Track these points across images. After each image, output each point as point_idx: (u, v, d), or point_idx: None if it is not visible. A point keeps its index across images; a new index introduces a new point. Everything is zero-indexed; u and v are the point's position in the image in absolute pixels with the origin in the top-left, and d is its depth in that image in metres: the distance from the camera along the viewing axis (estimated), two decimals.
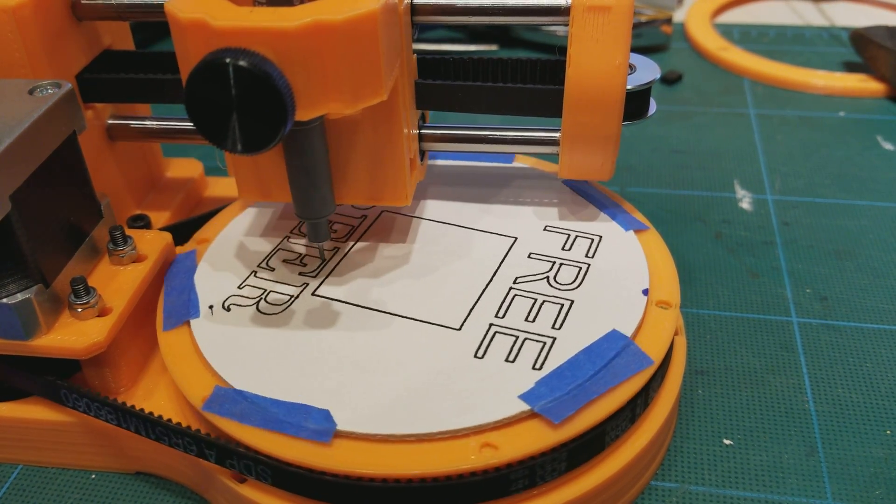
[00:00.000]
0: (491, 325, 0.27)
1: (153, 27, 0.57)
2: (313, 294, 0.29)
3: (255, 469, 0.24)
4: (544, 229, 0.32)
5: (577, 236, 0.31)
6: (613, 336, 0.26)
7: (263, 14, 0.23)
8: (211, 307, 0.28)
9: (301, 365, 0.26)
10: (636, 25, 0.56)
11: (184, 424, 0.25)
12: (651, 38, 0.57)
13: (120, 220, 0.33)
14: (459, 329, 0.27)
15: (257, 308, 0.28)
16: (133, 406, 0.26)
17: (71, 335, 0.26)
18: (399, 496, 0.24)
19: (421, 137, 0.32)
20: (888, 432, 0.29)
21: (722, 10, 0.63)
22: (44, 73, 0.29)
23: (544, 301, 0.28)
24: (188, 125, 0.33)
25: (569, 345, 0.26)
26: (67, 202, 0.28)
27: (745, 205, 0.41)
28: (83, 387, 0.27)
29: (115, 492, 0.28)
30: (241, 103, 0.22)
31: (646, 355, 0.26)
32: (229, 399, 0.25)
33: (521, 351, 0.26)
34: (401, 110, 0.28)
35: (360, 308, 0.28)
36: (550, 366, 0.26)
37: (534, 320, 0.27)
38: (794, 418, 0.30)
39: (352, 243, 0.31)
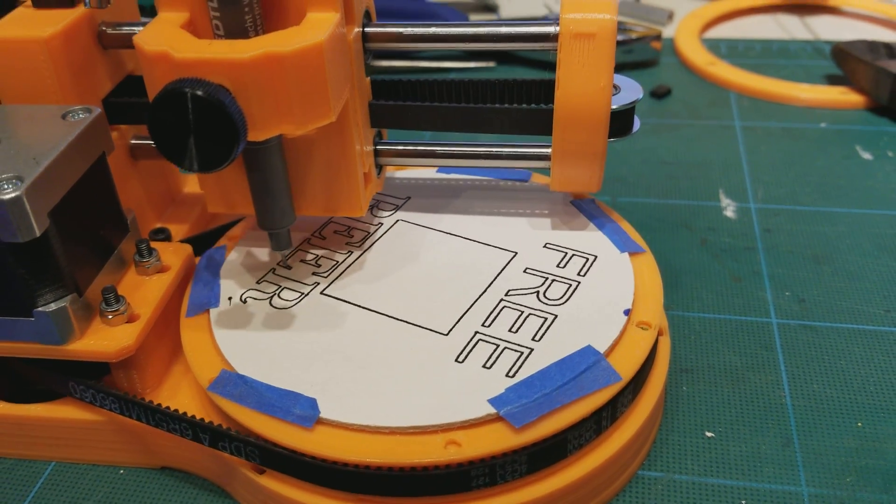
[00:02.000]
0: (476, 332, 0.29)
1: None
2: (322, 293, 0.32)
3: (245, 450, 0.27)
4: (544, 246, 0.33)
5: (573, 255, 0.33)
6: (586, 351, 0.28)
7: (221, 46, 0.26)
8: (230, 298, 0.31)
9: (299, 356, 0.29)
10: (627, 42, 0.59)
11: (206, 419, 0.27)
12: (641, 53, 0.60)
13: (143, 233, 0.36)
14: (447, 334, 0.29)
15: (270, 302, 0.31)
16: (152, 402, 0.28)
17: (102, 340, 0.28)
18: (369, 482, 0.26)
19: (377, 153, 0.34)
20: (859, 424, 0.31)
21: (710, 25, 0.65)
22: (73, 98, 0.31)
23: (530, 314, 0.30)
24: None
25: (545, 356, 0.28)
26: (98, 217, 0.30)
27: (730, 213, 0.43)
28: (112, 387, 0.29)
29: (142, 486, 0.30)
30: (198, 127, 0.25)
31: (615, 372, 0.27)
32: (232, 382, 0.28)
33: (499, 359, 0.28)
34: (352, 129, 0.30)
35: (360, 308, 0.31)
36: (523, 374, 0.27)
37: (517, 331, 0.29)
38: (772, 412, 0.32)
39: (365, 249, 0.34)
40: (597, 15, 0.29)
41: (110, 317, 0.29)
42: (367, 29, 0.31)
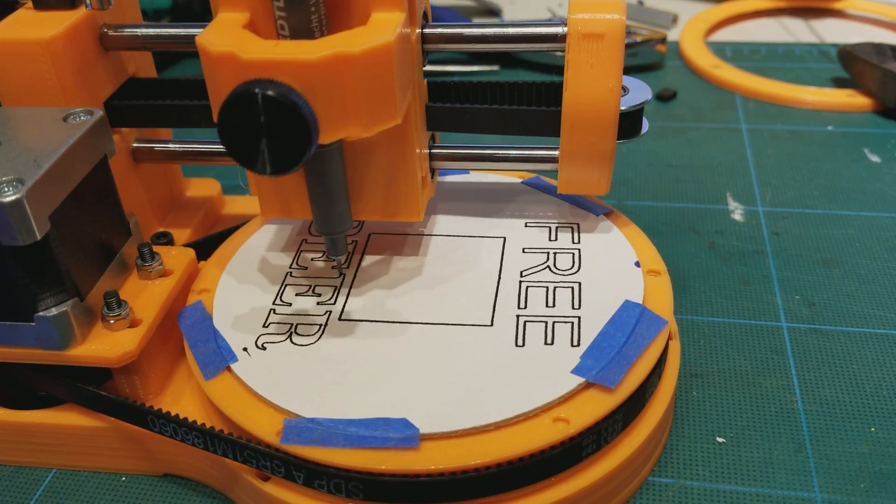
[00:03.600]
0: (518, 316, 0.30)
1: (169, 53, 0.60)
2: (340, 319, 0.30)
3: (346, 486, 0.25)
4: (525, 226, 0.34)
5: (557, 227, 0.34)
6: (629, 306, 0.29)
7: (287, 47, 0.25)
8: (245, 349, 0.29)
9: (357, 383, 0.27)
10: (632, 45, 0.58)
11: (215, 428, 0.27)
12: (646, 57, 0.59)
13: (144, 237, 0.35)
14: (492, 325, 0.29)
15: (291, 341, 0.29)
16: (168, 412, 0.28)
17: (104, 345, 0.28)
18: (486, 482, 0.25)
19: (431, 157, 0.34)
20: (873, 429, 0.31)
21: (715, 28, 0.65)
22: (75, 100, 0.31)
23: (556, 287, 0.31)
24: (208, 147, 0.35)
25: (593, 320, 0.29)
26: (99, 221, 0.30)
27: (737, 216, 0.43)
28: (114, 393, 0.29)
29: (144, 493, 0.30)
30: (270, 129, 0.24)
31: (660, 317, 0.29)
32: (304, 429, 0.26)
33: (556, 333, 0.29)
34: (413, 132, 0.30)
35: (390, 323, 0.30)
36: (586, 341, 0.28)
37: (554, 305, 0.30)
38: (784, 417, 0.31)
39: (356, 268, 0.33)
40: (605, 15, 0.29)
41: (112, 322, 0.28)
42: (425, 30, 0.31)
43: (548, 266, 0.32)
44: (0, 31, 0.30)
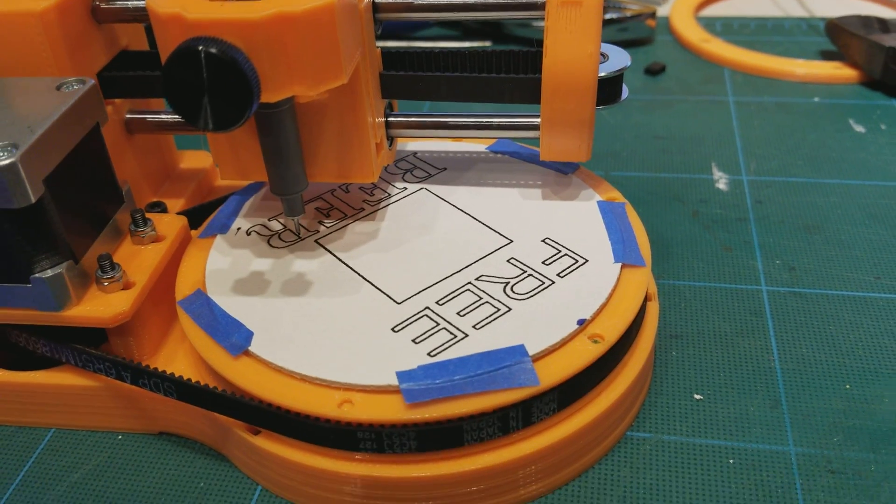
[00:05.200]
0: (426, 307, 0.29)
1: None
2: (315, 241, 0.33)
3: (163, 386, 0.29)
4: (542, 240, 0.32)
5: (565, 254, 0.31)
6: (516, 349, 0.27)
7: (232, 7, 0.26)
8: (238, 229, 0.34)
9: (262, 292, 0.31)
10: (622, 20, 0.59)
11: (202, 384, 0.28)
12: (637, 31, 0.60)
13: (139, 206, 0.36)
14: (399, 303, 0.30)
15: (269, 241, 0.33)
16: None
17: (98, 306, 0.29)
18: (262, 417, 0.27)
19: (388, 125, 0.34)
20: (847, 387, 0.32)
21: (705, 3, 0.66)
22: (68, 71, 0.32)
23: (486, 302, 0.29)
24: None
25: (475, 345, 0.28)
26: (93, 187, 0.30)
27: (722, 185, 0.44)
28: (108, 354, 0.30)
29: (140, 450, 0.31)
30: (212, 86, 0.25)
31: (535, 376, 0.26)
32: (200, 302, 0.30)
33: (431, 337, 0.28)
34: (364, 98, 0.31)
35: (338, 261, 0.32)
36: (445, 357, 0.27)
37: (464, 316, 0.29)
38: (761, 375, 0.32)
39: (377, 209, 0.35)
40: None
41: (106, 283, 0.29)
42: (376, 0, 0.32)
43: (507, 283, 0.30)
44: None
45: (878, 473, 0.28)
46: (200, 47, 0.25)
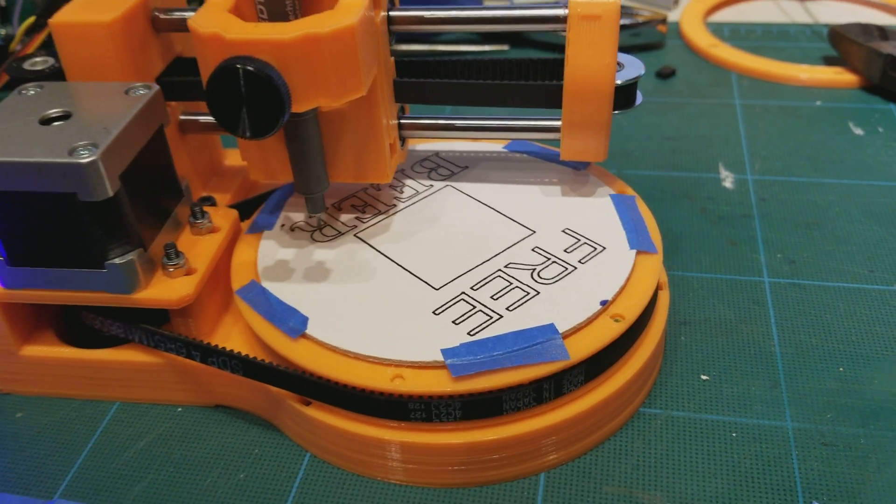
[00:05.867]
0: (462, 293, 0.33)
1: None
2: (355, 235, 0.36)
3: (230, 363, 0.31)
4: (562, 231, 0.35)
5: (584, 243, 0.35)
6: (547, 328, 0.30)
7: (266, 28, 0.29)
8: (282, 225, 0.37)
9: (311, 281, 0.34)
10: (635, 25, 0.62)
11: (266, 361, 0.31)
12: (648, 36, 0.63)
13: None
14: (437, 289, 0.33)
15: (312, 235, 0.36)
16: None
17: (165, 290, 0.32)
18: (321, 391, 0.30)
19: (401, 126, 0.38)
20: (841, 369, 0.35)
21: (714, 10, 0.68)
22: (131, 76, 0.35)
23: (517, 287, 0.33)
24: None
25: (509, 325, 0.31)
26: (157, 183, 0.34)
27: (728, 184, 0.47)
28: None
29: (198, 422, 0.34)
30: (249, 99, 0.29)
31: (565, 351, 0.30)
32: (255, 291, 0.33)
33: (469, 318, 0.31)
34: (380, 104, 0.34)
35: (378, 253, 0.35)
36: (483, 336, 0.30)
37: (497, 299, 0.32)
38: (762, 359, 0.35)
39: (408, 205, 0.38)
40: None
41: (171, 270, 0.32)
42: (391, 13, 0.35)
43: (533, 269, 0.33)
44: (66, 13, 0.34)
45: (867, 446, 0.31)
46: (238, 65, 0.28)
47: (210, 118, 0.39)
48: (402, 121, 0.38)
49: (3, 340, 0.34)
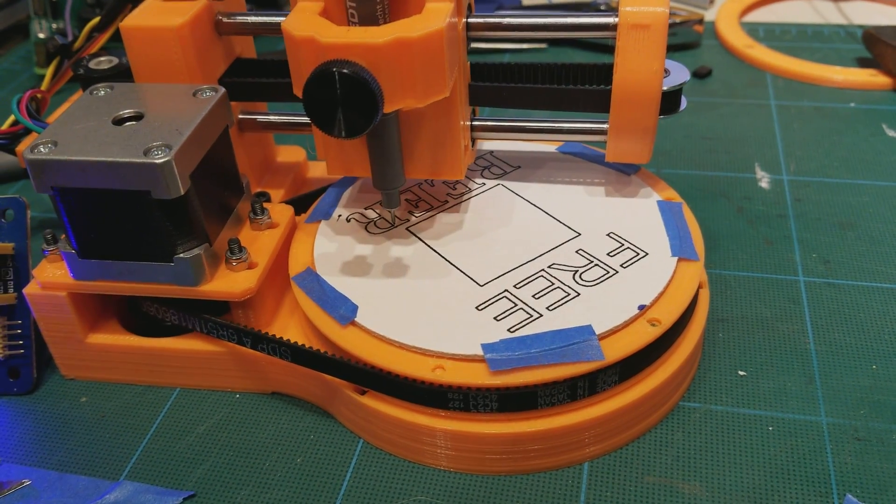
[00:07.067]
0: (506, 290, 0.34)
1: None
2: (407, 229, 0.38)
3: (279, 350, 0.33)
4: (607, 234, 0.36)
5: (628, 248, 0.35)
6: (584, 329, 0.31)
7: (358, 32, 0.31)
8: (339, 216, 0.38)
9: (363, 271, 0.35)
10: (671, 25, 0.63)
11: (313, 349, 0.33)
12: (684, 36, 0.64)
13: None
14: (482, 286, 0.34)
15: (366, 227, 0.38)
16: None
17: (229, 283, 0.34)
18: (365, 377, 0.32)
19: (472, 128, 0.39)
20: (874, 367, 0.36)
21: (749, 10, 0.69)
22: (197, 78, 0.37)
23: (558, 287, 0.34)
24: (298, 119, 0.41)
25: (549, 324, 0.32)
26: (222, 181, 0.35)
27: (764, 184, 0.48)
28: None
29: (255, 408, 0.36)
30: (345, 101, 0.30)
31: (600, 352, 0.31)
32: (310, 278, 0.35)
33: (510, 315, 0.33)
34: (458, 105, 0.35)
35: (427, 247, 0.36)
36: (522, 333, 0.32)
37: (539, 298, 0.33)
38: (797, 356, 0.37)
39: (459, 202, 0.39)
40: (651, 8, 0.34)
41: (234, 264, 0.34)
42: (470, 19, 0.36)
43: (576, 271, 0.34)
44: (135, 18, 0.36)
45: None
46: (335, 69, 0.29)
47: (268, 117, 0.41)
48: (473, 122, 0.39)
49: (70, 328, 0.36)
